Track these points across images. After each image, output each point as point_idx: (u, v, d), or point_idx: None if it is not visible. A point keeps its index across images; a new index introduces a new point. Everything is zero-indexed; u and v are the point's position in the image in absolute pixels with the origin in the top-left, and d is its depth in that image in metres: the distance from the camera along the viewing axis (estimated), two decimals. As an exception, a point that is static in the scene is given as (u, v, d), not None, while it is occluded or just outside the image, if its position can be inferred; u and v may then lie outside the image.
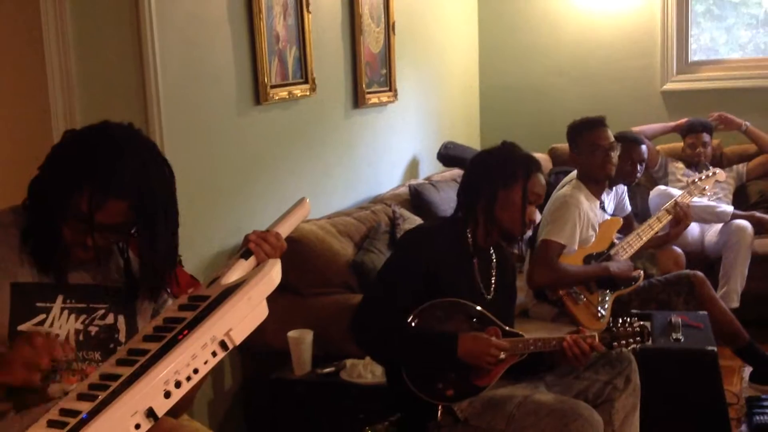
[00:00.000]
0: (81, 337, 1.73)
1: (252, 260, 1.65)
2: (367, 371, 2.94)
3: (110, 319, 1.76)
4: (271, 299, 1.56)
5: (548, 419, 2.24)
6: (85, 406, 1.39)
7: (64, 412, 1.42)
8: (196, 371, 1.39)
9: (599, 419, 2.27)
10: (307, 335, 3.03)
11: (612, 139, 3.47)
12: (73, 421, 1.37)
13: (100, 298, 1.75)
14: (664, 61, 5.34)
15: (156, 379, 1.35)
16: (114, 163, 1.63)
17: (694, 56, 5.42)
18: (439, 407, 2.33)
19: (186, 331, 1.44)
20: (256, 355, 3.26)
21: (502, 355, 2.30)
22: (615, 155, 3.47)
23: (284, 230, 1.76)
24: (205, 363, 1.40)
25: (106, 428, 1.31)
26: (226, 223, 3.14)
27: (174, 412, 1.78)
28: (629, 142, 3.68)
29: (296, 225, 1.84)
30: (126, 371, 1.44)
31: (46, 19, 2.63)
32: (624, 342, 2.37)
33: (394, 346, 2.31)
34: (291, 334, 3.03)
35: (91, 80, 2.71)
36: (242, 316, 1.45)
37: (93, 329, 1.74)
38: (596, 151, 3.41)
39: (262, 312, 1.49)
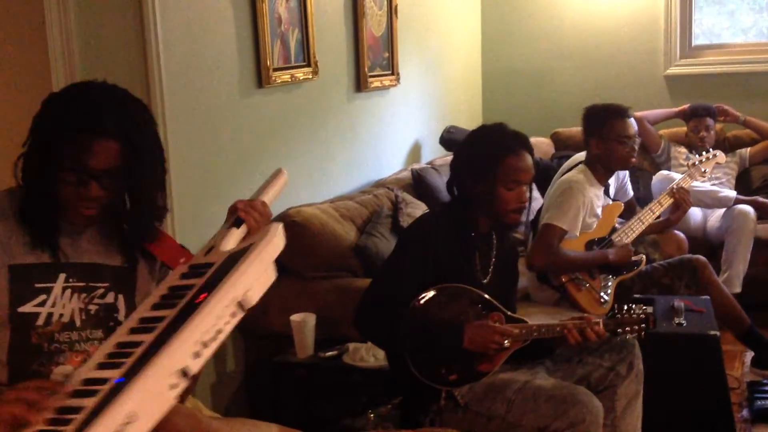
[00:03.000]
0: (83, 316, 1.73)
1: (243, 228, 1.70)
2: (370, 355, 2.94)
3: (110, 297, 1.77)
4: (274, 283, 1.58)
5: (547, 404, 2.25)
6: (111, 374, 1.41)
7: (89, 381, 1.43)
8: (219, 331, 1.40)
9: (599, 404, 2.27)
10: (310, 319, 3.04)
11: (636, 129, 3.45)
12: (105, 387, 1.38)
13: (100, 276, 1.76)
14: (668, 46, 5.32)
15: (188, 339, 1.37)
16: (92, 103, 1.63)
17: (697, 41, 5.39)
18: (442, 392, 2.34)
19: (204, 294, 1.46)
20: (259, 338, 3.27)
21: (507, 343, 2.30)
22: (637, 147, 3.45)
23: (267, 200, 1.80)
24: (227, 323, 1.42)
25: (146, 388, 1.32)
26: (227, 205, 3.12)
27: (181, 395, 1.79)
28: None
29: (278, 195, 1.87)
30: (146, 338, 1.46)
31: (49, 5, 2.62)
32: (628, 329, 2.37)
33: (399, 336, 2.30)
34: (294, 317, 3.04)
35: (94, 64, 2.70)
36: (256, 278, 1.47)
37: (93, 307, 1.74)
38: (626, 142, 3.38)
39: (271, 275, 1.51)
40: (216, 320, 1.40)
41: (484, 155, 2.41)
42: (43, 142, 1.64)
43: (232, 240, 1.69)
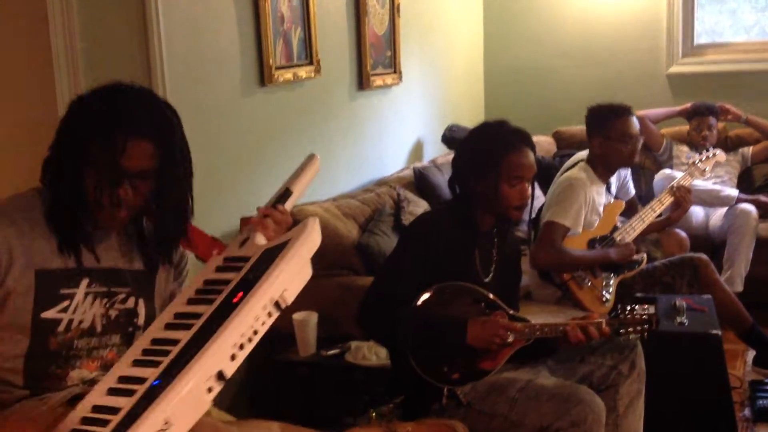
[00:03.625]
0: (104, 321, 1.72)
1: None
2: (372, 353, 2.95)
3: (131, 303, 1.75)
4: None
5: (550, 404, 2.24)
6: (149, 372, 1.39)
7: (125, 379, 1.42)
8: (255, 332, 1.39)
9: (601, 404, 2.27)
10: (312, 317, 3.04)
11: (638, 128, 3.45)
12: (141, 388, 1.37)
13: (122, 282, 1.74)
14: (670, 44, 5.32)
15: (225, 343, 1.35)
16: (125, 103, 1.62)
17: (699, 39, 5.39)
18: (444, 390, 2.34)
19: (241, 293, 1.43)
20: (262, 336, 3.27)
21: (511, 338, 2.30)
22: (640, 145, 3.46)
23: (299, 189, 1.78)
24: (263, 324, 1.41)
25: (185, 393, 1.30)
26: (230, 204, 3.14)
27: None
28: None
29: (310, 182, 1.84)
30: (183, 335, 1.44)
31: (51, 3, 2.62)
32: (631, 329, 2.37)
33: (402, 334, 2.30)
34: (296, 316, 3.04)
35: (97, 62, 2.70)
36: (294, 277, 1.45)
37: (113, 313, 1.73)
38: (628, 141, 3.38)
39: (307, 272, 1.49)
40: (253, 321, 1.39)
41: (486, 151, 2.41)
42: (74, 143, 1.61)
43: (263, 236, 1.67)
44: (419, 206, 3.76)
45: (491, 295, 2.39)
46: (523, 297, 3.36)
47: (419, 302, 2.30)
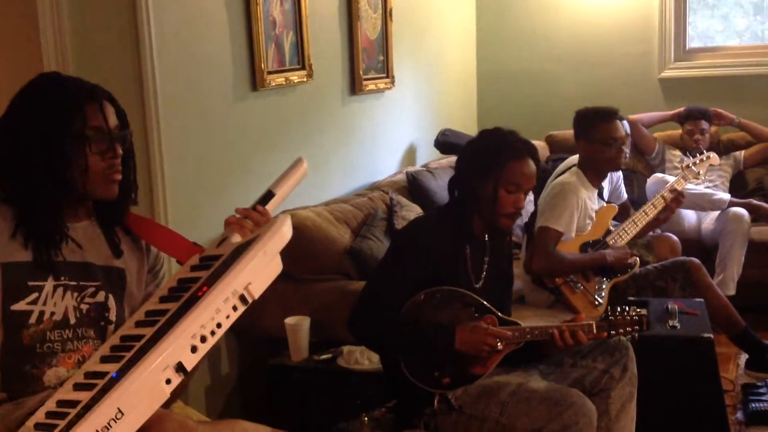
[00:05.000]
0: (77, 314, 1.73)
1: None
2: (364, 358, 2.94)
3: (101, 297, 1.76)
4: (269, 285, 1.56)
5: (541, 407, 2.24)
6: (111, 367, 1.42)
7: (90, 375, 1.45)
8: (219, 325, 1.41)
9: (592, 407, 2.27)
10: (304, 322, 3.04)
11: (624, 132, 3.46)
12: (101, 382, 1.39)
13: (91, 276, 1.75)
14: (662, 48, 5.33)
15: (183, 334, 1.37)
16: (75, 79, 1.75)
17: (692, 43, 5.41)
18: (436, 394, 2.33)
19: (205, 288, 1.46)
20: (254, 341, 3.27)
21: (500, 345, 2.30)
22: (626, 149, 3.46)
23: (282, 192, 1.81)
24: (227, 317, 1.42)
25: (138, 384, 1.33)
26: (222, 208, 3.11)
27: (167, 400, 1.79)
28: None
29: (295, 186, 1.87)
30: (148, 331, 1.46)
31: (42, 5, 2.61)
32: (622, 330, 2.37)
33: (392, 341, 2.31)
34: (288, 320, 3.03)
35: (88, 66, 2.70)
36: (259, 270, 1.47)
37: (84, 306, 1.74)
38: (612, 144, 3.39)
39: (276, 266, 1.51)
40: (215, 313, 1.40)
41: (492, 153, 2.42)
42: (41, 136, 1.65)
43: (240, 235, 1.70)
44: (412, 211, 3.75)
45: (481, 300, 2.39)
46: (517, 301, 3.36)
47: (409, 307, 2.30)
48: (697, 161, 3.89)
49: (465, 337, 2.27)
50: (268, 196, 1.82)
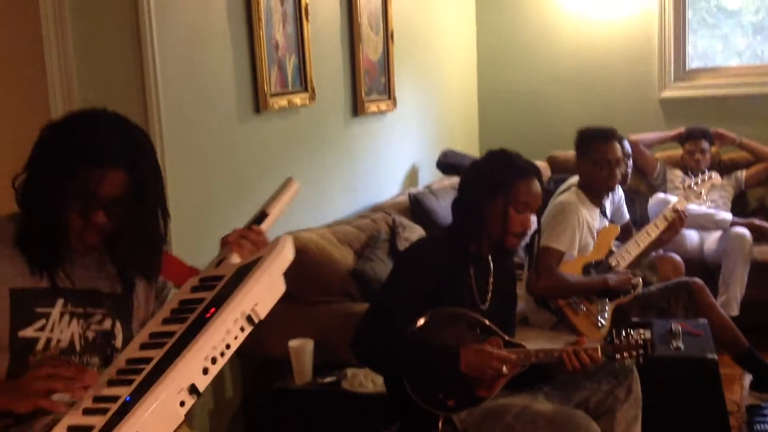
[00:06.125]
0: (83, 342, 1.72)
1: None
2: (368, 380, 2.93)
3: (107, 324, 1.76)
4: (271, 308, 1.58)
5: (546, 429, 2.24)
6: (122, 391, 1.41)
7: (99, 399, 1.44)
8: (228, 346, 1.42)
9: (597, 429, 2.26)
10: (308, 344, 3.03)
11: (620, 153, 3.47)
12: (114, 406, 1.39)
13: (97, 303, 1.75)
14: (662, 69, 5.35)
15: (196, 356, 1.38)
16: (96, 133, 1.64)
17: (692, 64, 5.43)
18: (440, 417, 2.33)
19: (213, 309, 1.47)
20: (257, 364, 3.26)
21: (505, 369, 2.29)
22: (620, 171, 3.47)
23: (275, 212, 1.82)
24: (236, 338, 1.44)
25: (156, 407, 1.33)
26: (224, 230, 3.09)
27: None
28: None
29: (286, 205, 1.89)
30: (156, 353, 1.46)
31: (46, 24, 2.63)
32: (626, 354, 2.37)
33: (396, 363, 2.30)
34: (292, 343, 3.03)
35: (92, 87, 2.71)
36: (265, 291, 1.49)
37: (90, 334, 1.74)
38: (603, 166, 3.41)
39: (280, 287, 1.53)
40: (225, 335, 1.42)
41: (501, 173, 2.44)
42: (46, 171, 1.64)
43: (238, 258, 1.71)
44: (415, 232, 3.76)
45: (486, 321, 2.38)
46: (520, 322, 3.35)
47: (414, 329, 2.30)
48: (699, 181, 3.90)
49: (470, 360, 2.26)
50: (262, 216, 1.83)
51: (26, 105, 2.83)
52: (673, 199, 4.11)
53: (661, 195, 4.55)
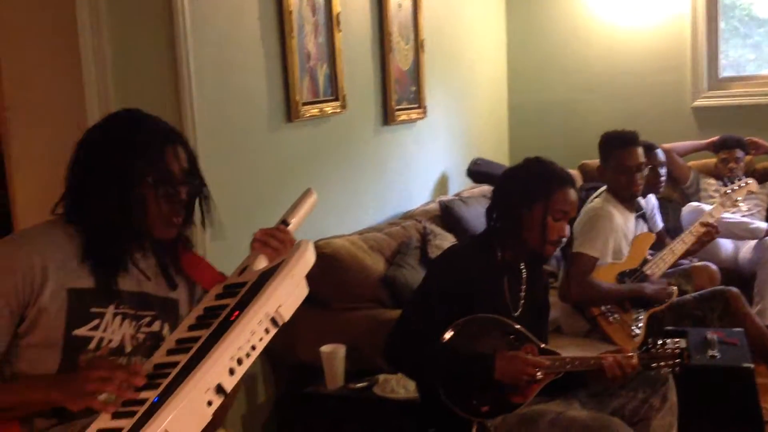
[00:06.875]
0: (133, 343, 1.76)
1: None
2: (400, 386, 2.93)
3: (156, 326, 1.79)
4: (303, 314, 1.60)
5: (582, 436, 2.22)
6: (149, 394, 1.45)
7: (128, 402, 1.47)
8: (254, 348, 1.47)
9: (633, 436, 2.25)
10: (340, 350, 3.04)
11: (641, 159, 3.44)
12: (141, 409, 1.42)
13: (147, 305, 1.79)
14: (695, 77, 5.32)
15: (222, 356, 1.42)
16: (146, 120, 1.76)
17: (724, 72, 5.39)
18: (474, 423, 2.32)
19: (237, 312, 1.51)
20: (289, 369, 3.27)
21: (540, 375, 2.28)
22: (642, 176, 3.44)
23: (295, 221, 1.85)
24: (260, 340, 1.48)
25: (185, 405, 1.37)
26: (255, 238, 3.16)
27: (211, 425, 1.81)
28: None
29: (306, 215, 1.91)
30: (181, 358, 1.50)
31: (83, 32, 2.68)
32: (663, 363, 2.35)
33: (430, 369, 2.29)
34: (324, 348, 3.04)
35: (128, 99, 2.75)
36: (288, 293, 1.53)
37: (140, 336, 1.77)
38: (623, 171, 3.39)
39: (303, 290, 1.57)
40: (250, 336, 1.46)
41: (539, 181, 2.44)
42: (111, 171, 1.69)
43: (263, 262, 1.74)
44: (445, 239, 3.76)
45: (520, 327, 2.37)
46: (553, 330, 3.33)
47: (447, 335, 2.29)
48: (736, 187, 3.85)
49: (505, 366, 2.25)
50: (284, 225, 1.86)
51: (63, 113, 2.88)
52: (706, 207, 4.07)
53: (694, 204, 4.50)
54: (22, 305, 1.64)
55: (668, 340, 2.42)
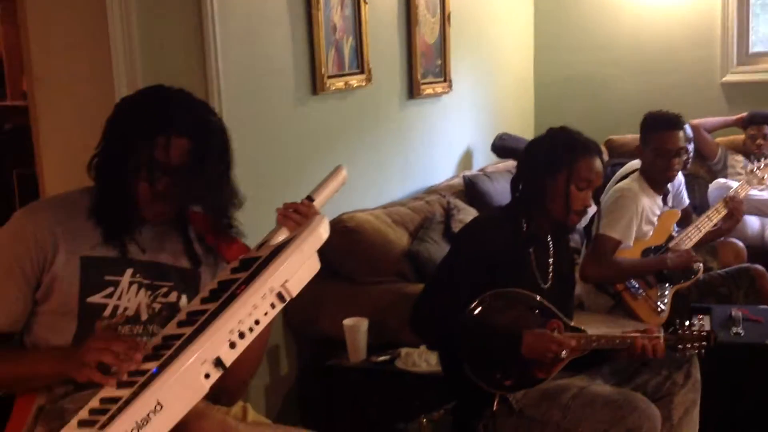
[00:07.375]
0: (149, 312, 1.77)
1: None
2: (422, 360, 2.95)
3: (173, 297, 1.80)
4: (326, 287, 1.59)
5: (604, 410, 2.22)
6: (153, 365, 1.46)
7: (134, 374, 1.49)
8: (257, 322, 1.45)
9: (656, 413, 2.24)
10: (363, 323, 3.05)
11: (682, 143, 3.37)
12: (142, 379, 1.43)
13: (164, 275, 1.80)
14: (724, 53, 5.24)
15: (221, 329, 1.41)
16: (163, 104, 1.71)
17: (754, 48, 5.30)
18: (496, 396, 2.33)
19: (243, 286, 1.50)
20: (312, 342, 3.30)
21: (564, 353, 2.28)
22: (680, 161, 3.39)
23: (321, 199, 1.83)
24: (265, 314, 1.46)
25: (177, 377, 1.37)
26: (282, 211, 3.17)
27: (229, 397, 1.83)
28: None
29: (333, 193, 1.89)
30: (188, 330, 1.51)
31: (111, 12, 2.68)
32: (689, 345, 2.34)
33: (456, 341, 2.29)
34: (346, 322, 3.06)
35: (156, 69, 2.76)
36: (296, 268, 1.51)
37: (156, 306, 1.78)
38: (662, 154, 3.33)
39: (314, 265, 1.55)
40: (252, 309, 1.44)
41: (563, 150, 2.41)
42: (118, 143, 1.70)
43: (282, 235, 1.73)
44: (469, 214, 3.75)
45: (546, 303, 2.37)
46: (576, 306, 3.33)
47: (473, 309, 2.29)
48: (762, 166, 3.81)
49: (532, 343, 2.25)
50: (309, 200, 1.85)
51: (91, 86, 2.89)
52: (733, 184, 4.02)
53: (721, 180, 4.46)
54: (36, 270, 1.68)
55: (695, 322, 2.40)
